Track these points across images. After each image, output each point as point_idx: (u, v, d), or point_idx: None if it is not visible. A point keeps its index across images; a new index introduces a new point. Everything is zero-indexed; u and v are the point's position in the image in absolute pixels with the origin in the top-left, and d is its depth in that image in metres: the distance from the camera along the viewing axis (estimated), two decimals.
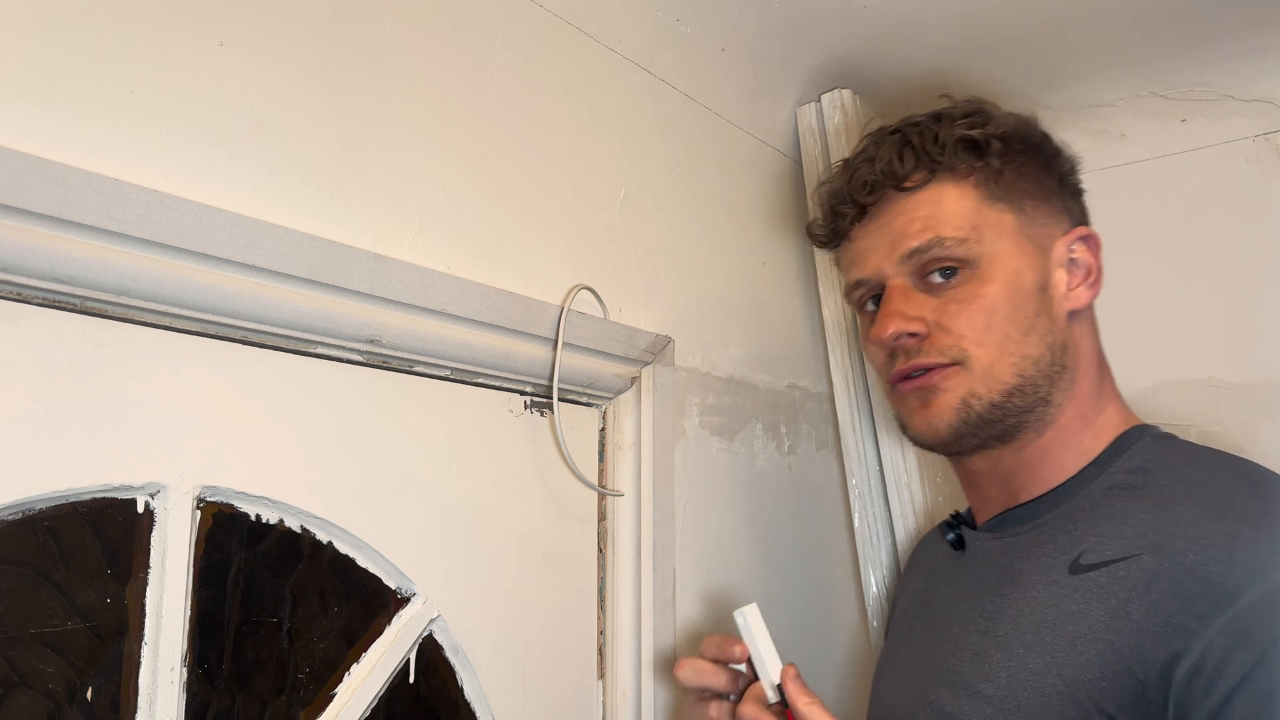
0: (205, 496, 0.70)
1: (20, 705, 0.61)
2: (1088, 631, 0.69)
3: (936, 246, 0.79)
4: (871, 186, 0.83)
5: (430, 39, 0.87)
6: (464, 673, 0.87)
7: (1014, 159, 0.82)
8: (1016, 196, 0.81)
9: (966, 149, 0.81)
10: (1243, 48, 1.23)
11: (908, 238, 0.81)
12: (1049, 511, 0.79)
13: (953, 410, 0.79)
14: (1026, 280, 0.79)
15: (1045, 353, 0.79)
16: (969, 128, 0.82)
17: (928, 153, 0.82)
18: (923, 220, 0.81)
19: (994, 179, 0.81)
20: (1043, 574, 0.75)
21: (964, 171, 0.81)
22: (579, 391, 1.01)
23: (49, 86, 0.62)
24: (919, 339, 0.80)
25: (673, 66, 1.16)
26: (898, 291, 0.81)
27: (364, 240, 0.78)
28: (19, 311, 0.62)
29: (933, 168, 0.82)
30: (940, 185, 0.82)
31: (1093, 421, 0.81)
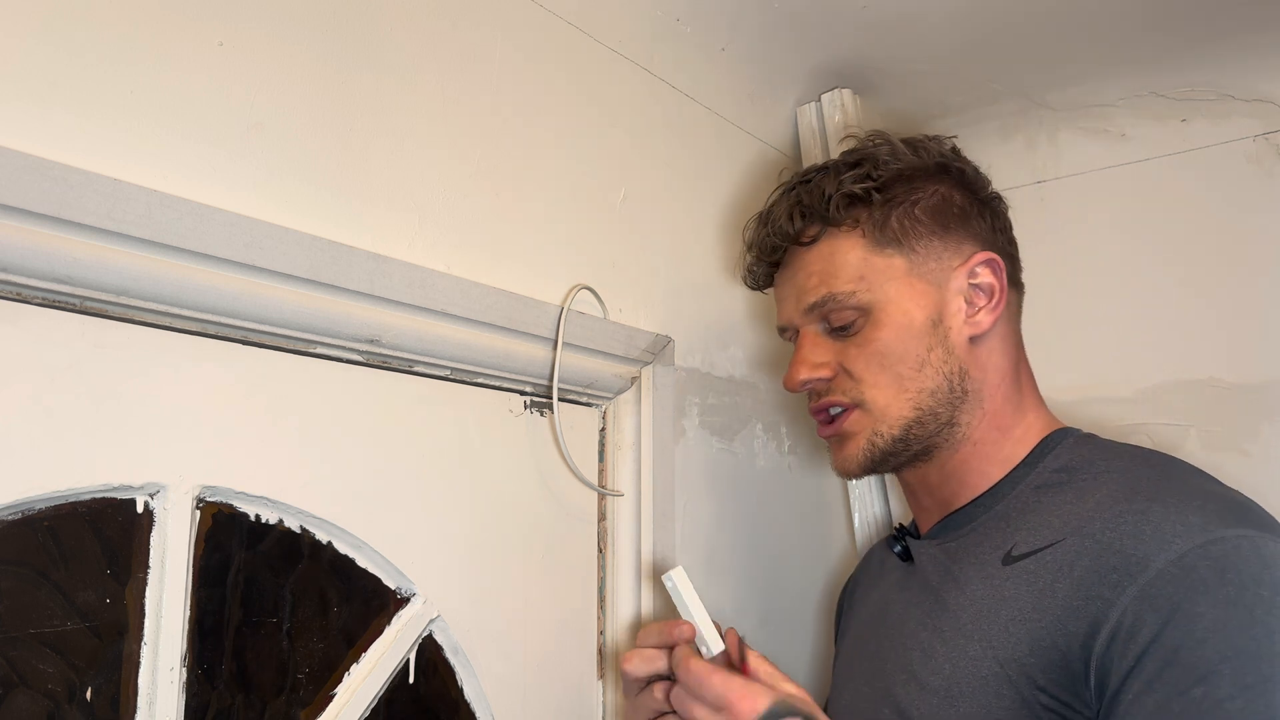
0: (205, 496, 0.70)
1: (20, 705, 0.61)
2: (1018, 614, 0.74)
3: (830, 301, 0.86)
4: (773, 248, 0.92)
5: (430, 39, 0.87)
6: (464, 673, 0.87)
7: (902, 202, 0.87)
8: (906, 239, 0.86)
9: (850, 203, 0.87)
10: (1243, 47, 1.23)
11: (807, 293, 0.88)
12: (983, 514, 0.84)
13: (860, 450, 0.86)
14: (917, 319, 0.85)
15: (942, 383, 0.85)
16: (854, 181, 0.87)
17: (815, 210, 0.88)
18: (818, 275, 0.88)
19: (880, 227, 0.86)
20: (979, 569, 0.80)
21: (849, 225, 0.87)
22: (579, 391, 1.01)
23: (49, 86, 0.62)
24: (826, 381, 0.88)
25: (673, 66, 1.16)
26: (807, 340, 0.89)
27: (364, 240, 0.78)
28: (19, 311, 0.62)
29: (822, 224, 0.88)
30: (831, 240, 0.88)
31: (1011, 430, 0.86)
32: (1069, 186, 1.37)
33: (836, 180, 0.88)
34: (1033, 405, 0.89)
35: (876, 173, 0.87)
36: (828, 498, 1.34)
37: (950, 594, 0.82)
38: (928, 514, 0.91)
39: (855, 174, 0.88)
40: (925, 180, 0.88)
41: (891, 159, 0.88)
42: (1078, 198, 1.36)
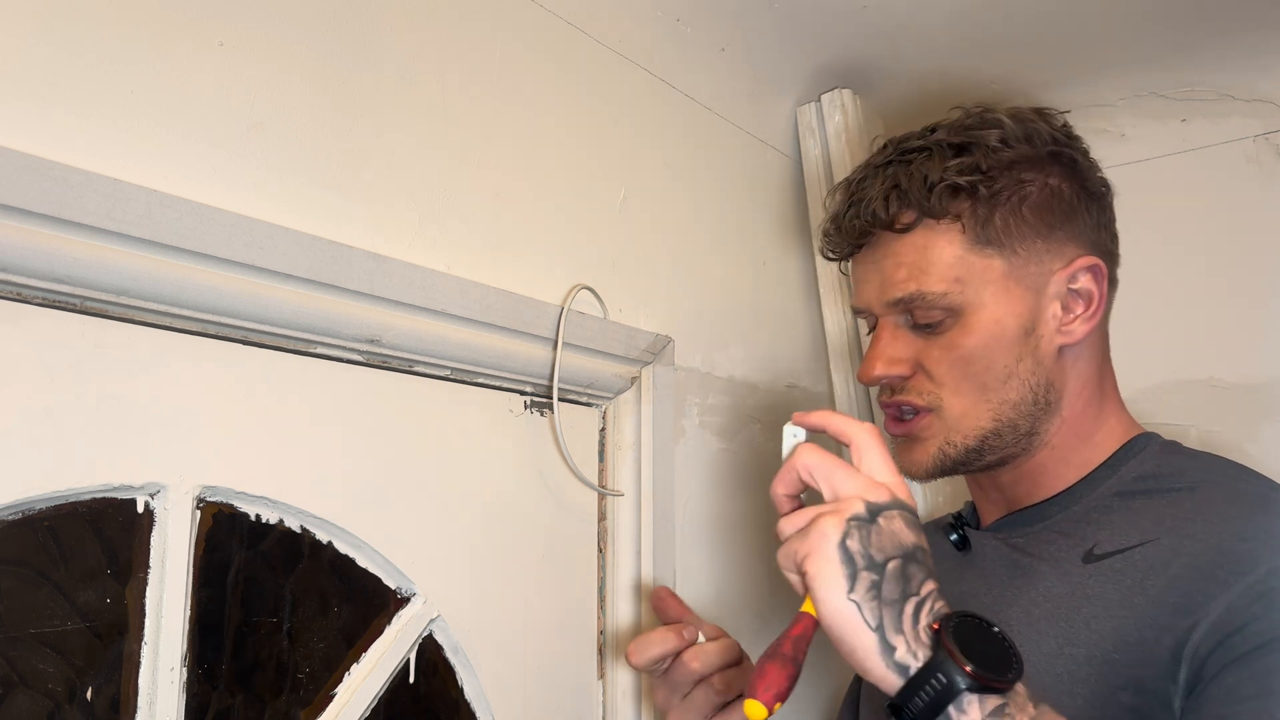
0: (205, 496, 0.70)
1: (20, 705, 0.61)
2: (1101, 611, 0.72)
3: (918, 300, 0.80)
4: (861, 231, 0.84)
5: (430, 38, 0.87)
6: (464, 673, 0.87)
7: (1009, 199, 0.80)
8: (1008, 238, 0.80)
9: (954, 195, 0.79)
10: (1243, 47, 1.23)
11: (893, 286, 0.81)
12: (1058, 513, 0.81)
13: (930, 456, 0.82)
14: (1010, 328, 0.79)
15: (1026, 395, 0.80)
16: (958, 171, 0.80)
17: (913, 196, 0.80)
18: (908, 268, 0.81)
19: (983, 224, 0.80)
20: (1055, 565, 0.77)
21: (950, 218, 0.80)
22: (579, 391, 1.01)
23: (49, 86, 0.62)
24: (903, 379, 0.83)
25: (673, 66, 1.16)
26: (886, 332, 0.83)
27: (364, 240, 0.78)
28: (19, 311, 0.62)
29: (920, 213, 0.81)
30: (928, 231, 0.81)
31: (1091, 436, 0.83)
32: None
33: (941, 166, 0.80)
34: (1114, 409, 0.85)
35: (985, 163, 0.80)
36: None
37: (1020, 589, 0.79)
38: (994, 507, 0.88)
39: (962, 162, 0.80)
40: (1034, 172, 0.81)
41: (1002, 146, 0.81)
42: None
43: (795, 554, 0.63)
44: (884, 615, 0.59)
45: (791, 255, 1.35)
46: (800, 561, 0.62)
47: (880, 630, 0.59)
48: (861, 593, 0.60)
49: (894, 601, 0.60)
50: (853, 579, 0.60)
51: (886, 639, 0.59)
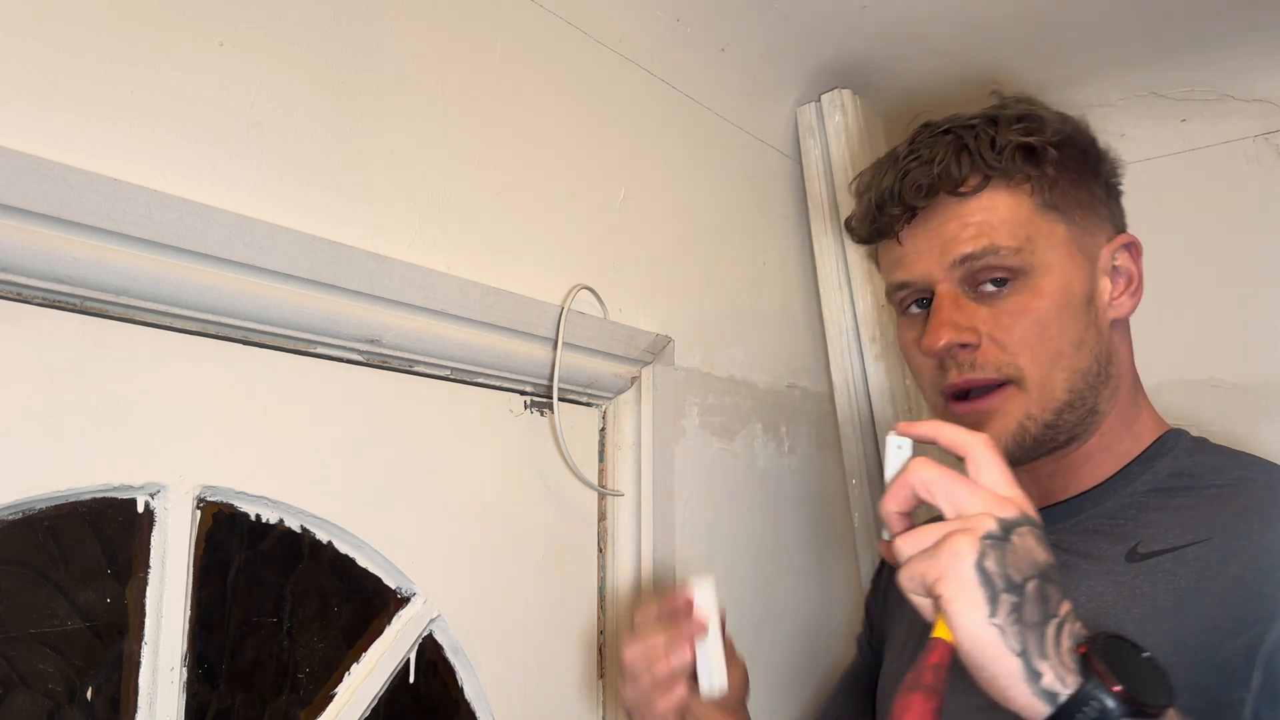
0: (205, 496, 0.70)
1: (20, 705, 0.61)
2: (1154, 613, 0.70)
3: (991, 254, 0.77)
4: (927, 190, 0.80)
5: (430, 38, 0.87)
6: (464, 673, 0.87)
7: (1067, 167, 0.81)
8: (1068, 206, 0.80)
9: (1024, 156, 0.79)
10: (1243, 48, 1.23)
11: (961, 243, 0.79)
12: (1091, 508, 0.79)
13: (1009, 434, 0.77)
14: (1076, 292, 0.78)
15: (1093, 364, 0.79)
16: (1025, 134, 0.79)
17: (983, 158, 0.79)
18: (977, 226, 0.78)
19: (1048, 188, 0.80)
20: (1096, 563, 0.75)
21: (1019, 179, 0.79)
22: (579, 391, 1.01)
23: (49, 86, 0.62)
24: (970, 349, 0.78)
25: (673, 66, 1.16)
26: (948, 299, 0.79)
27: (364, 240, 0.78)
28: (19, 311, 0.62)
29: (988, 173, 0.79)
30: (994, 192, 0.79)
31: (1132, 425, 0.82)
32: None
33: (1007, 129, 0.80)
34: (1145, 401, 0.84)
35: (1049, 130, 0.80)
36: (828, 497, 1.34)
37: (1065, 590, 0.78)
38: None
39: (1028, 126, 0.80)
40: (1083, 150, 0.83)
41: (1057, 122, 0.82)
42: None
43: (924, 576, 0.58)
44: (1027, 639, 0.55)
45: (791, 255, 1.35)
46: (932, 584, 0.57)
47: (1024, 655, 0.55)
48: (1003, 616, 0.56)
49: (1035, 624, 0.56)
50: (993, 602, 0.56)
51: (1032, 665, 0.55)
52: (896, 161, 0.84)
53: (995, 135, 0.80)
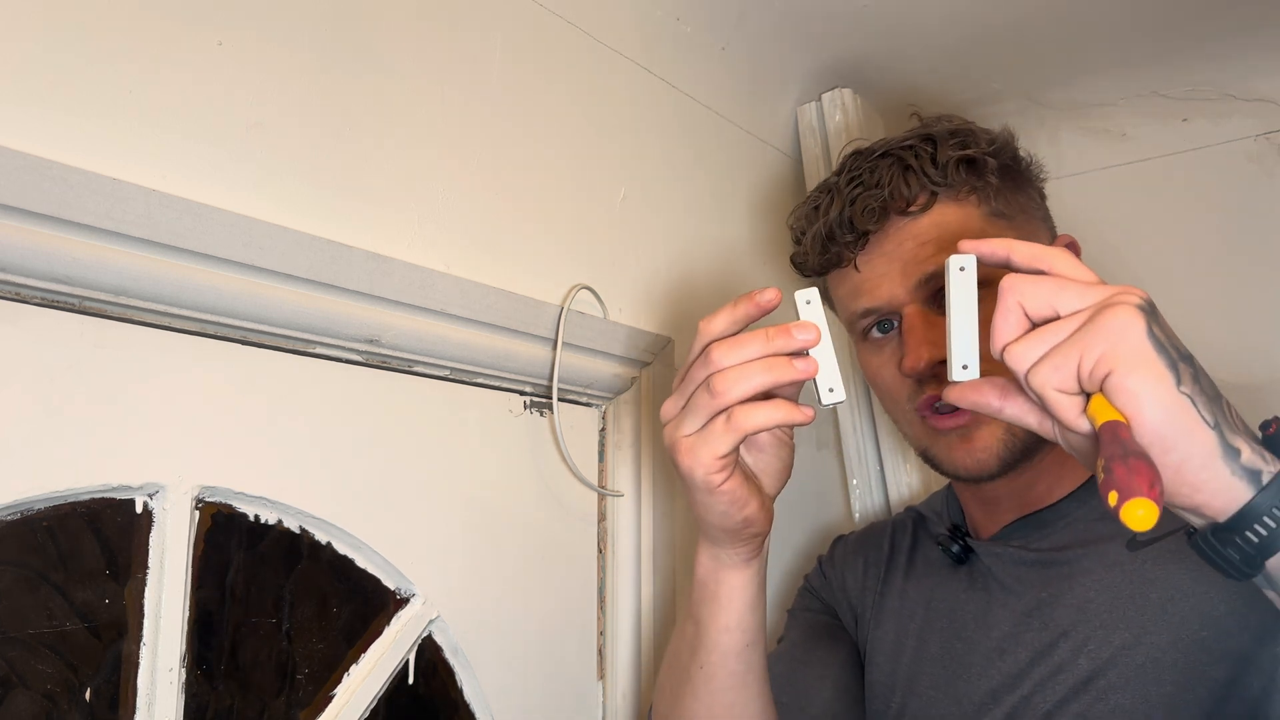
0: (204, 496, 0.70)
1: (19, 705, 0.61)
2: (1174, 592, 0.70)
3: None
4: (877, 213, 0.80)
5: (430, 38, 0.87)
6: (464, 673, 0.87)
7: (1006, 174, 0.82)
8: (1013, 212, 0.82)
9: (967, 168, 0.80)
10: (1244, 47, 1.23)
11: (921, 262, 0.79)
12: (1078, 508, 0.80)
13: (998, 441, 0.76)
14: None
15: None
16: (962, 147, 0.81)
17: (927, 174, 0.80)
18: (934, 244, 0.79)
19: (993, 196, 0.81)
20: (1098, 558, 0.75)
21: (965, 192, 0.80)
22: (579, 391, 1.01)
23: (49, 86, 0.62)
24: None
25: (673, 66, 1.16)
26: (919, 319, 0.78)
27: (363, 240, 0.78)
28: (19, 311, 0.62)
29: (934, 190, 0.80)
30: (944, 207, 0.80)
31: None
32: (1070, 186, 1.37)
33: (945, 145, 0.81)
34: None
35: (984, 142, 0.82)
36: (827, 497, 1.34)
37: (1060, 590, 0.76)
38: (1001, 515, 0.85)
39: (962, 140, 0.81)
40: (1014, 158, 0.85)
41: (986, 134, 0.84)
42: (1078, 197, 1.35)
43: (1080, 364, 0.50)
44: (1216, 412, 0.49)
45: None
46: (1093, 368, 0.49)
47: (1219, 429, 0.49)
48: (1190, 385, 0.49)
49: (1216, 399, 0.50)
50: (1175, 370, 0.49)
51: (1227, 439, 0.49)
52: (837, 191, 0.83)
53: (935, 152, 0.80)
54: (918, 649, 0.89)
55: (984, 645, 0.81)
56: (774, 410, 0.62)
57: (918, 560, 0.93)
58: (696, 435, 0.64)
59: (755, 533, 0.71)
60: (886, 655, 0.91)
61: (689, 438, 0.64)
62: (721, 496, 0.66)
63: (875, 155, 0.83)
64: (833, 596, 1.01)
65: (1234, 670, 0.67)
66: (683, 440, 0.65)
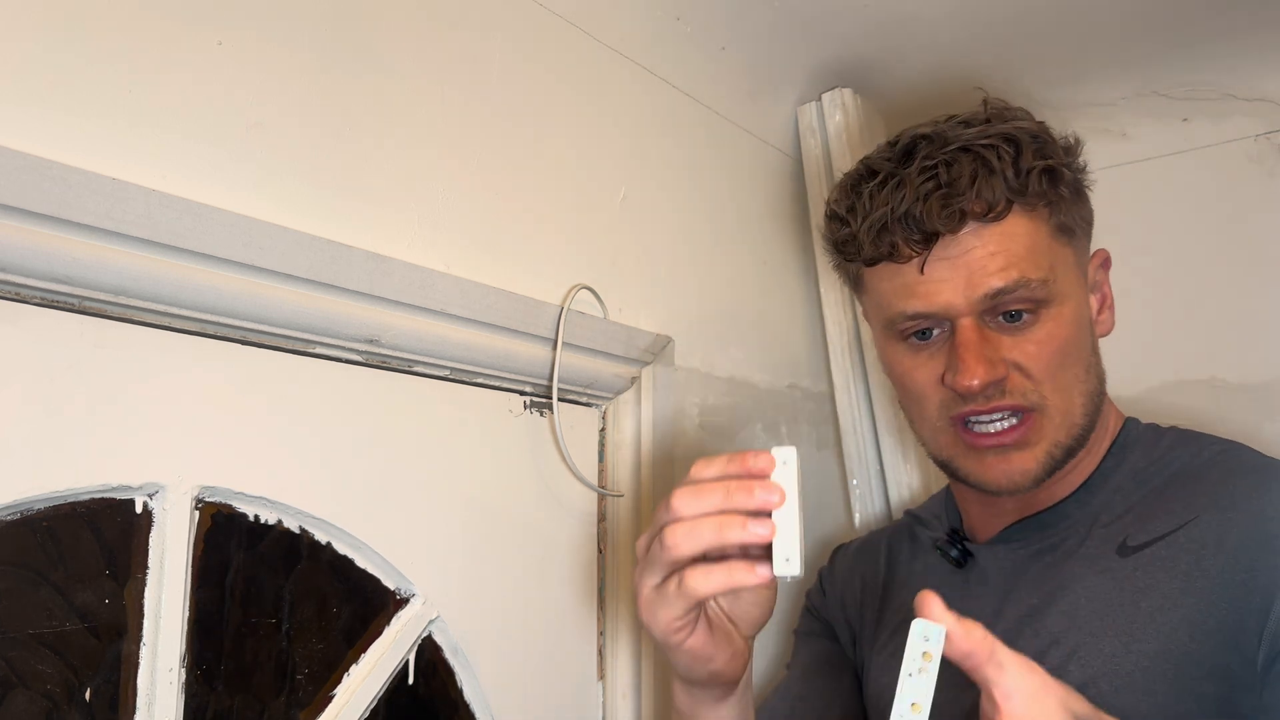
0: (204, 497, 0.70)
1: (19, 705, 0.61)
2: (1163, 602, 0.70)
3: (1022, 288, 0.74)
4: (958, 216, 0.75)
5: (430, 38, 0.87)
6: (463, 673, 0.87)
7: (1075, 187, 0.80)
8: (1074, 226, 0.79)
9: (1047, 180, 0.76)
10: (1244, 47, 1.23)
11: (989, 275, 0.74)
12: (1078, 510, 0.80)
13: (1038, 463, 0.76)
14: (1084, 318, 0.79)
15: (1098, 385, 0.80)
16: (1043, 155, 0.76)
17: (1008, 181, 0.75)
18: (1004, 256, 0.74)
19: (1061, 211, 0.77)
20: (1090, 564, 0.75)
21: (1040, 204, 0.76)
22: (579, 391, 1.01)
23: (49, 86, 0.62)
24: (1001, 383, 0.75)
25: (673, 66, 1.16)
26: (975, 334, 0.75)
27: (363, 240, 0.78)
28: (19, 311, 0.61)
29: (1010, 198, 0.75)
30: (1015, 217, 0.75)
31: (1107, 426, 0.83)
32: None
33: (1029, 152, 0.76)
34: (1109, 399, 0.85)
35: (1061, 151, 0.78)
36: (827, 499, 1.34)
37: (1052, 594, 0.76)
38: (1001, 518, 0.84)
39: (1040, 147, 0.77)
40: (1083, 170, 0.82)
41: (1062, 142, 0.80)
42: None
43: None
44: None
45: (792, 255, 1.35)
46: None
47: None
48: None
49: None
50: None
51: None
52: (909, 181, 0.77)
53: (1017, 157, 0.75)
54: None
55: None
56: (726, 574, 0.60)
57: (916, 569, 0.93)
58: (654, 592, 0.63)
59: (725, 680, 0.70)
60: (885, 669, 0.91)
61: (648, 594, 0.64)
62: (683, 655, 0.66)
63: (953, 148, 0.77)
64: (831, 614, 1.01)
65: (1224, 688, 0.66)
66: (643, 593, 0.64)
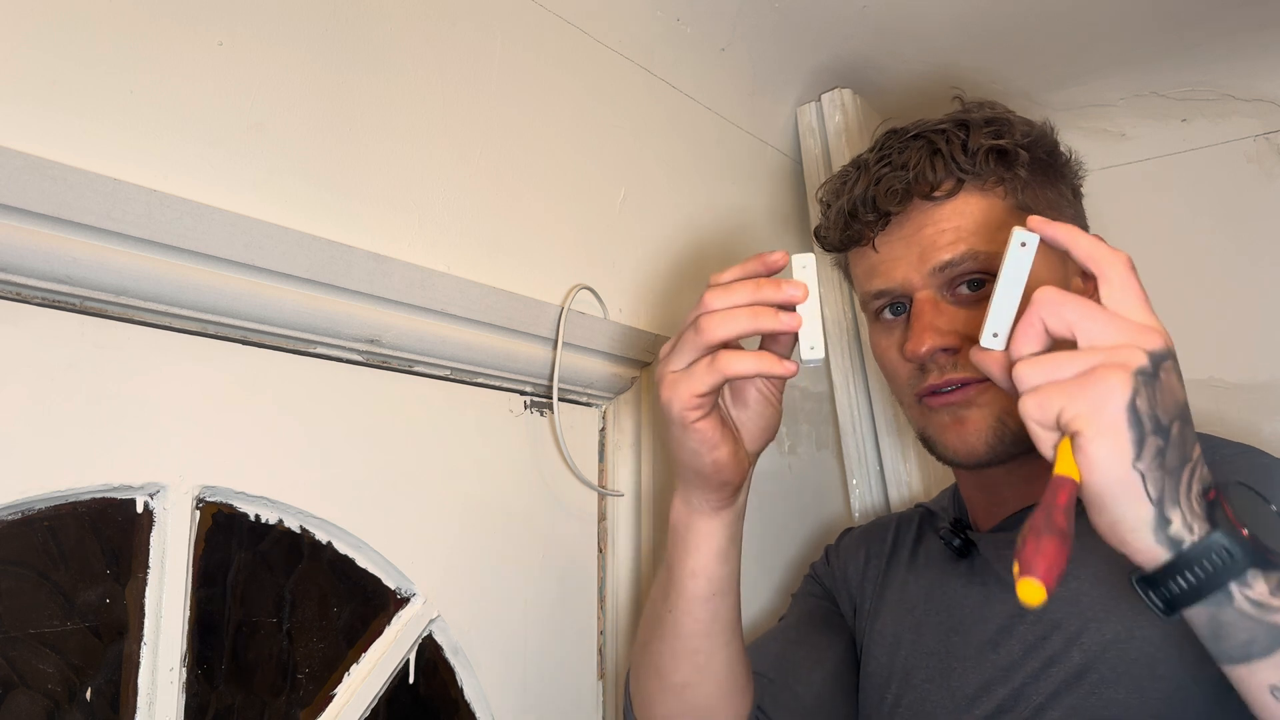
0: (205, 496, 0.70)
1: (20, 705, 0.61)
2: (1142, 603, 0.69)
3: (969, 259, 0.78)
4: (901, 195, 0.80)
5: (430, 38, 0.87)
6: (464, 673, 0.87)
7: (1037, 168, 0.81)
8: (1040, 207, 0.81)
9: (996, 158, 0.79)
10: (1243, 47, 1.23)
11: (938, 249, 0.79)
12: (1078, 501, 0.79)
13: (988, 428, 0.77)
14: None
15: None
16: (995, 136, 0.80)
17: (956, 161, 0.79)
18: (953, 231, 0.79)
19: (1020, 189, 0.80)
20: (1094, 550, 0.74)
21: (992, 182, 0.80)
22: (579, 391, 1.01)
23: (49, 86, 0.62)
24: (950, 353, 0.78)
25: (673, 66, 1.16)
26: (929, 305, 0.79)
27: (364, 240, 0.78)
28: (19, 311, 0.62)
29: (961, 177, 0.79)
30: (968, 196, 0.79)
31: None
32: None
33: (979, 133, 0.80)
34: None
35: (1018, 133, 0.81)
36: (827, 496, 1.34)
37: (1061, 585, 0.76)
38: (1003, 507, 0.85)
39: (996, 129, 0.80)
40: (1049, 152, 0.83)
41: (1023, 125, 0.82)
42: None
43: (1062, 411, 0.53)
44: (1165, 485, 0.53)
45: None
46: (1070, 420, 0.53)
47: (1160, 503, 0.53)
48: (1148, 461, 0.53)
49: (1175, 469, 0.54)
50: (1140, 445, 0.53)
51: (1164, 512, 0.53)
52: (866, 168, 0.83)
53: (966, 139, 0.80)
54: (914, 641, 0.89)
55: (978, 638, 0.81)
56: (758, 360, 0.65)
57: (920, 554, 0.94)
58: (681, 372, 0.67)
59: (725, 480, 0.71)
60: (884, 648, 0.91)
61: (674, 373, 0.67)
62: (693, 434, 0.68)
63: (908, 136, 0.83)
64: (835, 584, 1.02)
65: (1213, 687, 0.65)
66: (668, 375, 0.67)
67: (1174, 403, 0.55)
